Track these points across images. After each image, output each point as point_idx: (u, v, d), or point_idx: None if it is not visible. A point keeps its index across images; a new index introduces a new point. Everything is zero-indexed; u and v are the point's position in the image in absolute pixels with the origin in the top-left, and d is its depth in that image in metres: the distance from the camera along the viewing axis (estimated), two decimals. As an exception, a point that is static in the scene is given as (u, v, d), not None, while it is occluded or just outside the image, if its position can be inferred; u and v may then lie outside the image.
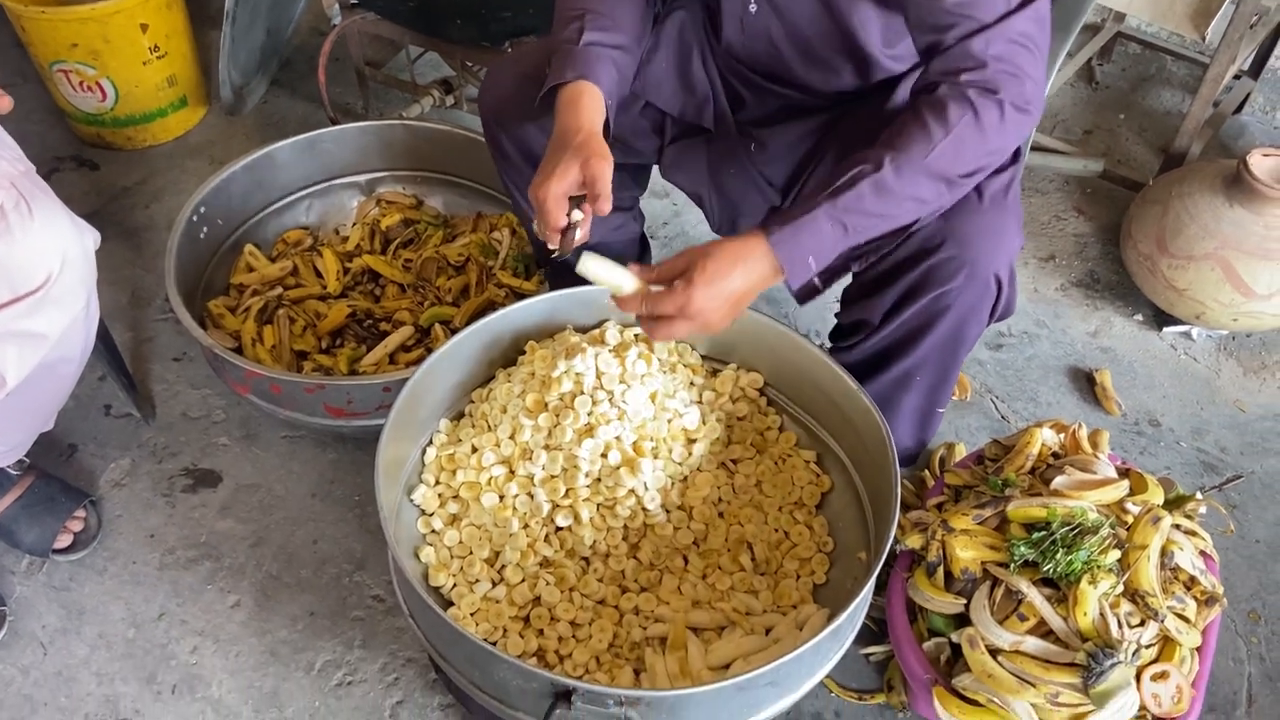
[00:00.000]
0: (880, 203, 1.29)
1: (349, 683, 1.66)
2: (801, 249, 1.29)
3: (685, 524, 1.55)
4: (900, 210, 1.32)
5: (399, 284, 2.06)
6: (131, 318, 2.17)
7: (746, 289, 1.29)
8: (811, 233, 1.29)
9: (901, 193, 1.29)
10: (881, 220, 1.32)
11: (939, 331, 1.48)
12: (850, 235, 1.31)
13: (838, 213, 1.28)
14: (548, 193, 1.32)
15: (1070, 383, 2.09)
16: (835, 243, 1.31)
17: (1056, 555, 1.44)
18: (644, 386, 1.53)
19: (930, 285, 1.42)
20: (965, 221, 1.39)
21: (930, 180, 1.30)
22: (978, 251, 1.39)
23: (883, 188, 1.28)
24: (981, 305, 1.46)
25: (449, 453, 1.57)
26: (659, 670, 1.42)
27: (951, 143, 1.28)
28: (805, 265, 1.30)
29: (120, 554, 1.81)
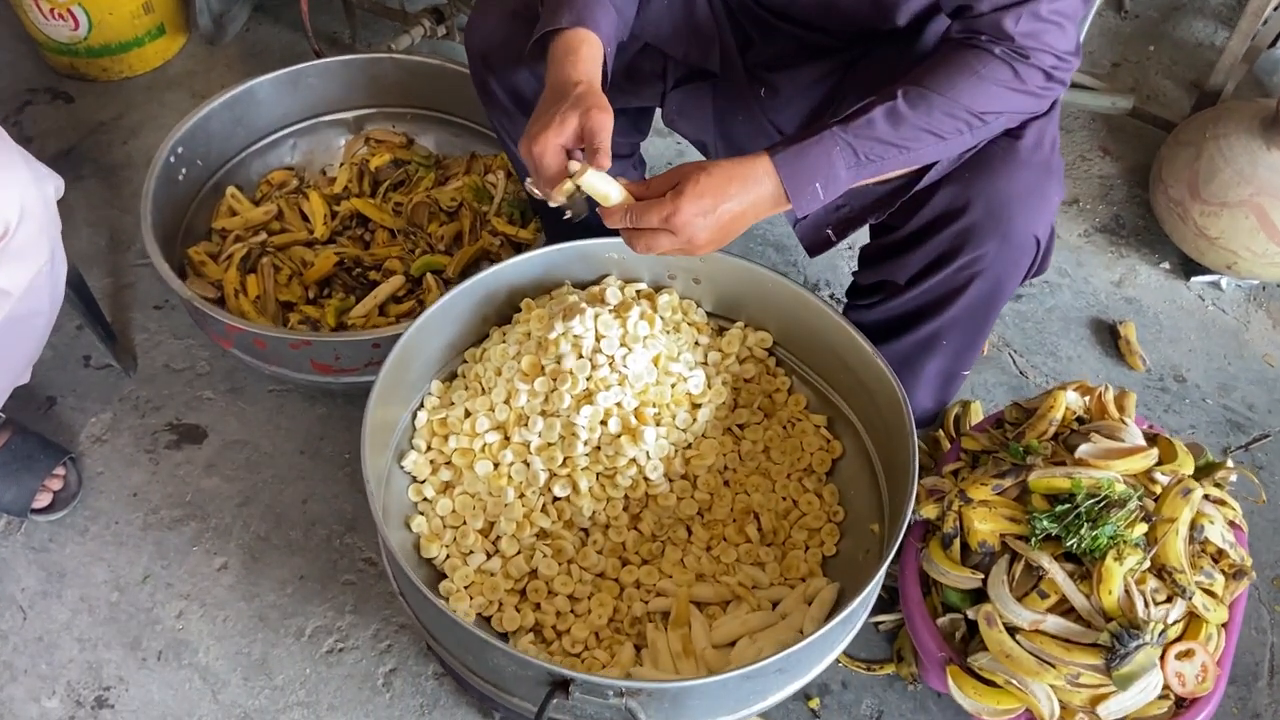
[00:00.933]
0: (894, 131, 1.20)
1: (340, 650, 1.61)
2: (808, 172, 1.20)
3: (689, 494, 1.47)
4: (917, 143, 1.22)
5: (389, 229, 1.95)
6: (110, 262, 2.07)
7: (741, 210, 1.20)
8: (819, 155, 1.20)
9: (917, 122, 1.21)
10: (896, 151, 1.22)
11: (969, 295, 1.39)
12: (862, 165, 1.22)
13: (848, 137, 1.20)
14: (545, 147, 1.22)
15: (1092, 335, 2.00)
16: (845, 171, 1.21)
17: (1081, 530, 1.37)
18: (646, 350, 1.44)
19: (962, 250, 1.33)
20: (999, 180, 1.29)
21: (949, 115, 1.21)
22: (1014, 213, 1.29)
23: (897, 116, 1.20)
24: (1018, 268, 1.37)
25: (440, 417, 1.49)
26: (660, 648, 1.36)
27: (975, 82, 1.20)
28: (811, 192, 1.21)
29: (102, 513, 1.74)
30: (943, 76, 1.21)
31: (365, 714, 1.55)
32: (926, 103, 1.20)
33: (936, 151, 1.25)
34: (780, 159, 1.20)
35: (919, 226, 1.35)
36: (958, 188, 1.30)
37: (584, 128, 1.20)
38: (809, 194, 1.21)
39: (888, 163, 1.23)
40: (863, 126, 1.20)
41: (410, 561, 1.43)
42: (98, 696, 1.56)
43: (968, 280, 1.37)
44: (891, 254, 1.42)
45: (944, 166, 1.30)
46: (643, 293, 1.58)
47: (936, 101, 1.20)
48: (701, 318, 1.59)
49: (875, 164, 1.23)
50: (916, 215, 1.35)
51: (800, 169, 1.20)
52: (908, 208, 1.34)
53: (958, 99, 1.20)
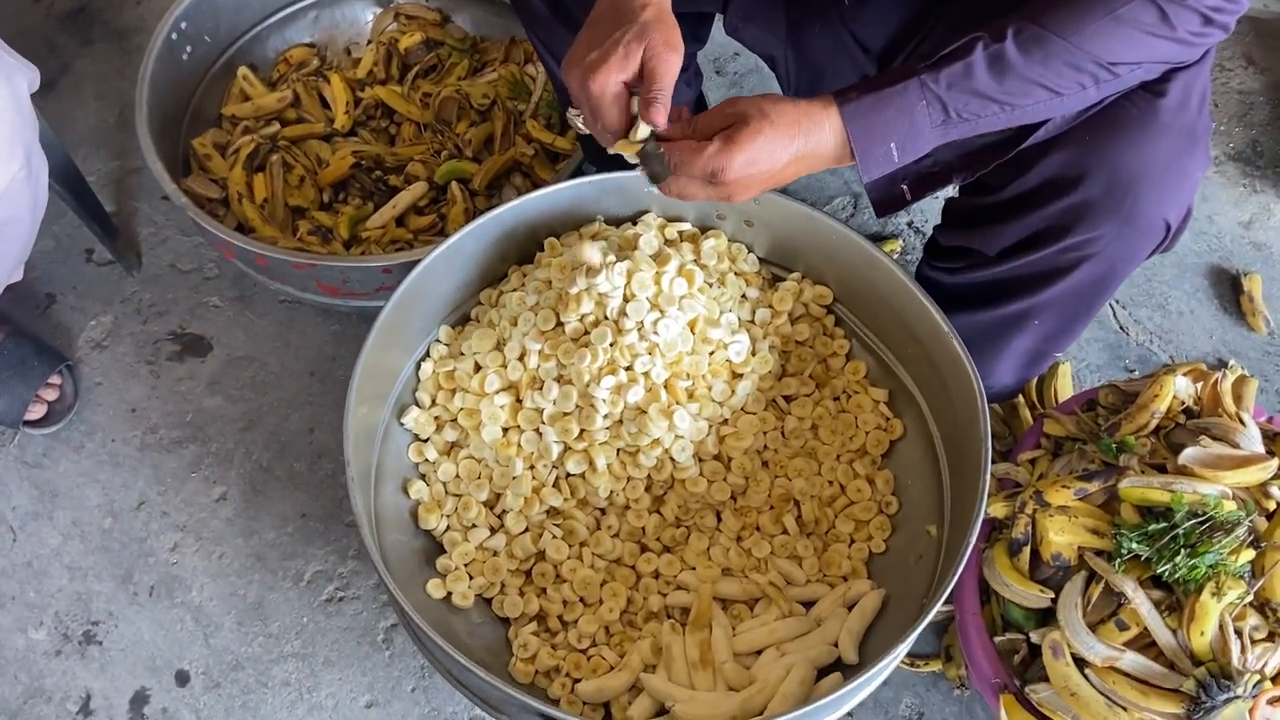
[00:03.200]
0: (997, 83, 0.97)
1: (340, 598, 1.50)
2: (883, 129, 0.98)
3: (721, 476, 1.29)
4: (1025, 98, 0.98)
5: (416, 123, 1.74)
6: (118, 142, 1.90)
7: (795, 164, 1.00)
8: (900, 109, 0.98)
9: (1028, 73, 0.96)
10: (998, 107, 0.99)
11: (1073, 279, 1.15)
12: (952, 122, 0.99)
13: (939, 88, 0.97)
14: (604, 86, 0.99)
15: (1211, 287, 1.74)
16: (930, 130, 0.99)
17: (1176, 557, 1.17)
18: (682, 313, 1.24)
19: (1071, 229, 1.09)
20: (1129, 147, 1.03)
21: (1071, 65, 0.96)
22: (1143, 191, 1.04)
23: (1004, 63, 0.96)
24: (1138, 254, 1.13)
25: (448, 369, 1.32)
26: (676, 654, 1.21)
27: (1110, 24, 0.95)
28: (884, 153, 1.00)
29: (98, 429, 1.63)
30: (1066, 13, 0.95)
31: (363, 671, 1.45)
32: (1044, 48, 0.95)
33: (1050, 109, 1.00)
34: (850, 110, 0.98)
35: (1020, 193, 1.11)
36: (1075, 152, 1.05)
37: (646, 69, 0.98)
38: (880, 156, 1.00)
39: (986, 120, 1.00)
40: (959, 74, 0.97)
41: (407, 533, 1.29)
42: (86, 631, 1.48)
43: (1074, 263, 1.13)
44: (982, 219, 1.18)
45: (1058, 123, 1.05)
46: (685, 235, 1.36)
47: (1057, 47, 0.95)
48: (752, 266, 1.38)
49: (969, 123, 1.00)
50: (1019, 179, 1.10)
51: (873, 125, 0.98)
52: (1008, 167, 1.10)
53: (1085, 45, 0.95)
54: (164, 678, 1.45)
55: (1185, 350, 1.67)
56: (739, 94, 1.92)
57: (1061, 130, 1.06)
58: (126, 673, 1.45)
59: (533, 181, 1.67)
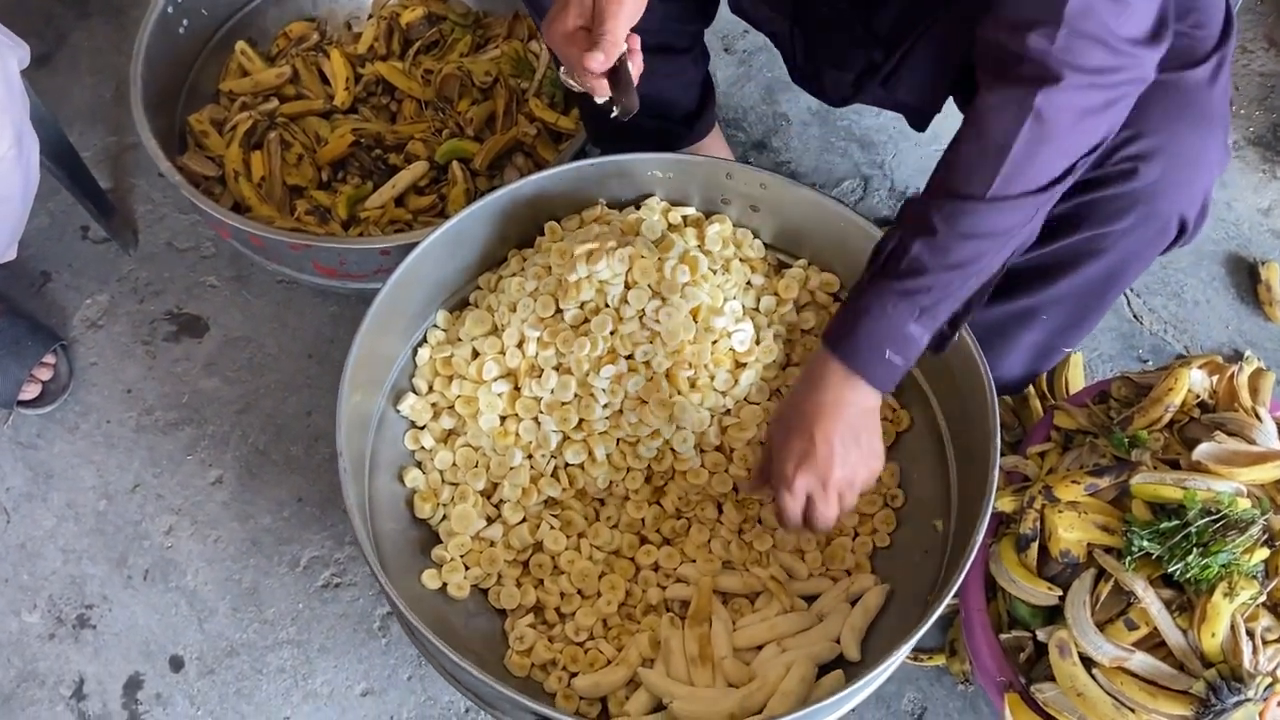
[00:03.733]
0: (946, 259, 0.98)
1: (336, 585, 1.48)
2: (872, 344, 1.03)
3: (723, 467, 1.26)
4: (982, 258, 0.99)
5: (417, 100, 1.71)
6: (114, 117, 1.86)
7: (844, 424, 1.06)
8: (875, 323, 1.01)
9: (969, 242, 0.97)
10: (960, 279, 1.00)
11: (1084, 273, 1.12)
12: (930, 310, 1.01)
13: (895, 288, 1.00)
14: (562, 30, 0.98)
15: (1228, 275, 1.70)
16: (915, 325, 1.01)
17: (1189, 556, 1.14)
18: (685, 301, 1.20)
19: (1087, 223, 1.06)
20: (1149, 137, 0.99)
21: (1006, 210, 0.96)
22: (1163, 185, 1.01)
23: (941, 246, 0.97)
24: (1152, 249, 1.10)
25: (445, 355, 1.29)
26: (675, 649, 1.19)
27: (1015, 164, 0.94)
28: (887, 365, 1.03)
29: (93, 410, 1.61)
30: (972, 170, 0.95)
31: (358, 659, 1.43)
32: (969, 214, 0.95)
33: (1013, 244, 0.99)
34: (834, 347, 1.05)
35: None
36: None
37: (596, 8, 0.95)
38: (886, 368, 1.04)
39: (959, 291, 1.00)
40: (907, 273, 0.99)
41: (402, 521, 1.26)
42: (79, 615, 1.46)
43: (1086, 256, 1.10)
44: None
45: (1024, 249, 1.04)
46: (689, 219, 1.33)
47: (983, 208, 0.95)
48: (757, 252, 1.34)
49: (947, 300, 1.01)
50: None
51: (861, 346, 1.02)
52: None
53: (1007, 189, 0.94)
54: (158, 663, 1.43)
55: (1200, 340, 1.64)
56: (748, 73, 1.89)
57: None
58: (120, 657, 1.44)
59: (535, 162, 1.63)
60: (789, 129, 1.83)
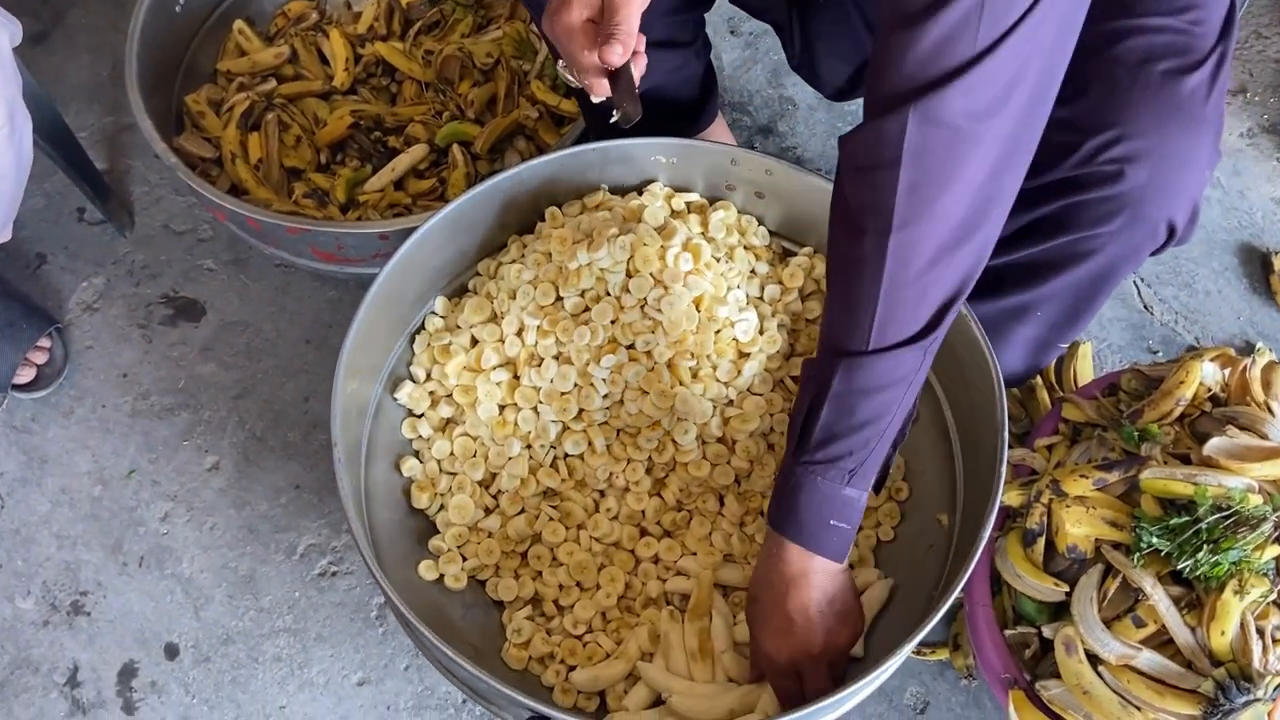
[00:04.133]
0: (854, 421, 0.95)
1: (333, 573, 1.46)
2: (817, 520, 1.00)
3: (725, 459, 1.24)
4: (889, 409, 0.96)
5: (417, 82, 1.68)
6: (111, 97, 1.84)
7: (818, 597, 1.04)
8: (811, 499, 1.00)
9: (869, 392, 0.94)
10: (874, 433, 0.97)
11: (1074, 274, 1.10)
12: (860, 475, 0.99)
13: (818, 462, 0.99)
14: (567, 25, 0.95)
15: (1241, 265, 1.67)
16: (849, 489, 1.00)
17: (1198, 553, 1.12)
18: (688, 290, 1.18)
19: (1075, 225, 1.04)
20: (1136, 139, 0.97)
21: (892, 358, 0.93)
22: (1151, 190, 0.98)
23: (848, 408, 0.95)
24: (1142, 250, 1.08)
25: (443, 343, 1.27)
26: (674, 643, 1.17)
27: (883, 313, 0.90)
28: (836, 532, 1.01)
29: (89, 394, 1.59)
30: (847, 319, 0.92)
31: (355, 648, 1.41)
32: (859, 369, 0.93)
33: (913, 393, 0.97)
34: (781, 529, 1.02)
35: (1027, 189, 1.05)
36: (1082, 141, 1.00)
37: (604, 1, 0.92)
38: (836, 536, 1.01)
39: (876, 445, 0.98)
40: (823, 444, 0.97)
41: (399, 511, 1.24)
42: (74, 601, 1.45)
43: (1075, 257, 1.09)
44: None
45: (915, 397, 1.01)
46: (693, 206, 1.30)
47: (865, 363, 0.93)
48: (762, 239, 1.32)
49: (870, 458, 0.98)
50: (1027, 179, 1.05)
51: (806, 525, 1.01)
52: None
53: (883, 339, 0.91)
54: (153, 650, 1.42)
55: (1212, 331, 1.61)
56: (754, 55, 1.87)
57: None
58: (115, 644, 1.42)
59: (537, 145, 1.61)
60: (795, 113, 1.80)
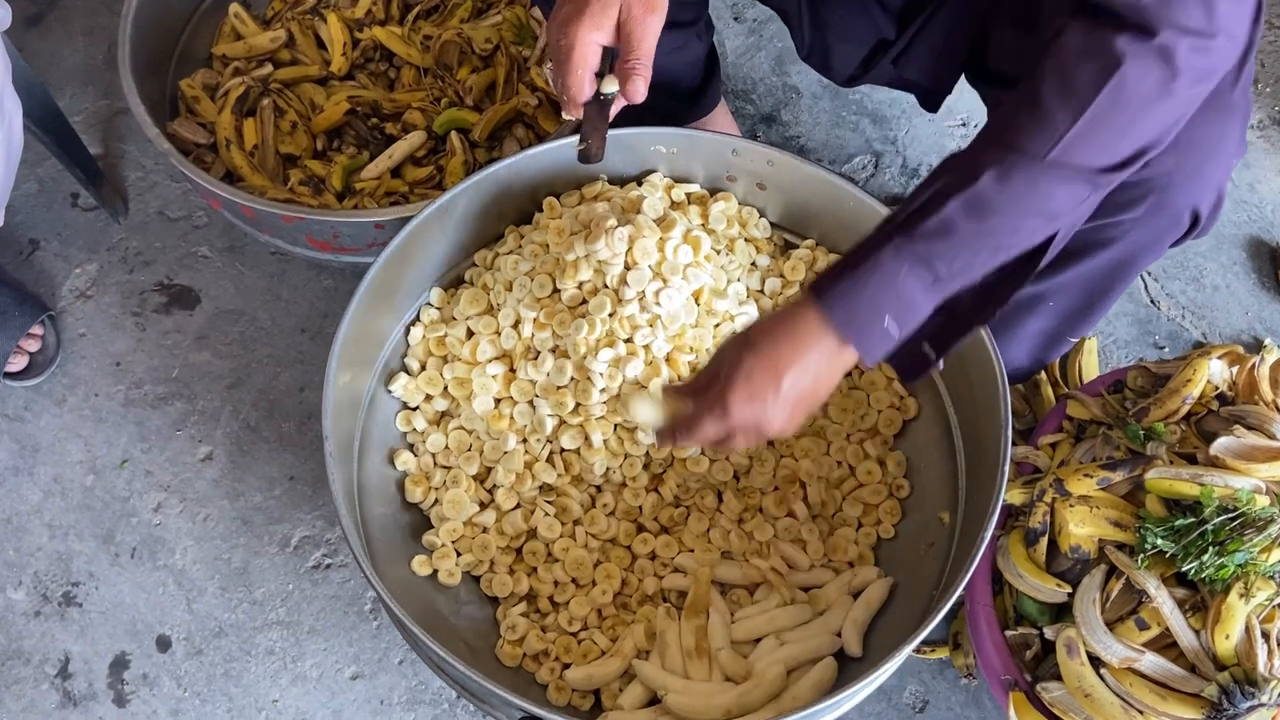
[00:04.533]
0: (981, 227, 0.86)
1: (327, 565, 1.45)
2: (870, 308, 0.89)
3: (723, 455, 1.23)
4: (1016, 234, 0.88)
5: (416, 67, 1.66)
6: (106, 81, 1.81)
7: (806, 380, 0.93)
8: (881, 283, 0.88)
9: (1014, 207, 0.86)
10: (989, 251, 0.89)
11: (1092, 263, 1.08)
12: (943, 281, 0.89)
13: (916, 249, 0.87)
14: (574, 42, 0.93)
15: (1249, 260, 1.65)
16: (923, 294, 0.89)
17: (1204, 555, 1.11)
18: (687, 283, 1.16)
19: (1096, 212, 1.00)
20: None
21: (1061, 181, 0.86)
22: (1173, 180, 0.96)
23: (982, 205, 0.86)
24: (1162, 242, 1.05)
25: (439, 335, 1.25)
26: (670, 641, 1.15)
27: (1088, 125, 0.83)
28: (881, 333, 0.90)
29: (81, 383, 1.57)
30: (1038, 124, 0.84)
31: (349, 641, 1.40)
32: (1028, 175, 0.84)
33: (1052, 228, 0.89)
34: (827, 300, 0.90)
35: None
36: None
37: (623, 31, 0.90)
38: (878, 336, 0.90)
39: (981, 264, 0.89)
40: (934, 231, 0.87)
41: (393, 505, 1.23)
42: (66, 592, 1.44)
43: (1094, 245, 1.06)
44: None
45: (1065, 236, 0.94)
46: (693, 197, 1.28)
47: (1042, 170, 0.84)
48: (763, 232, 1.30)
49: (964, 274, 0.89)
50: None
51: (858, 307, 0.89)
52: None
53: (1069, 157, 0.84)
54: (145, 642, 1.41)
55: (1219, 327, 1.59)
56: (758, 42, 1.84)
57: None
58: (107, 636, 1.41)
59: (536, 133, 1.58)
60: (799, 102, 1.77)
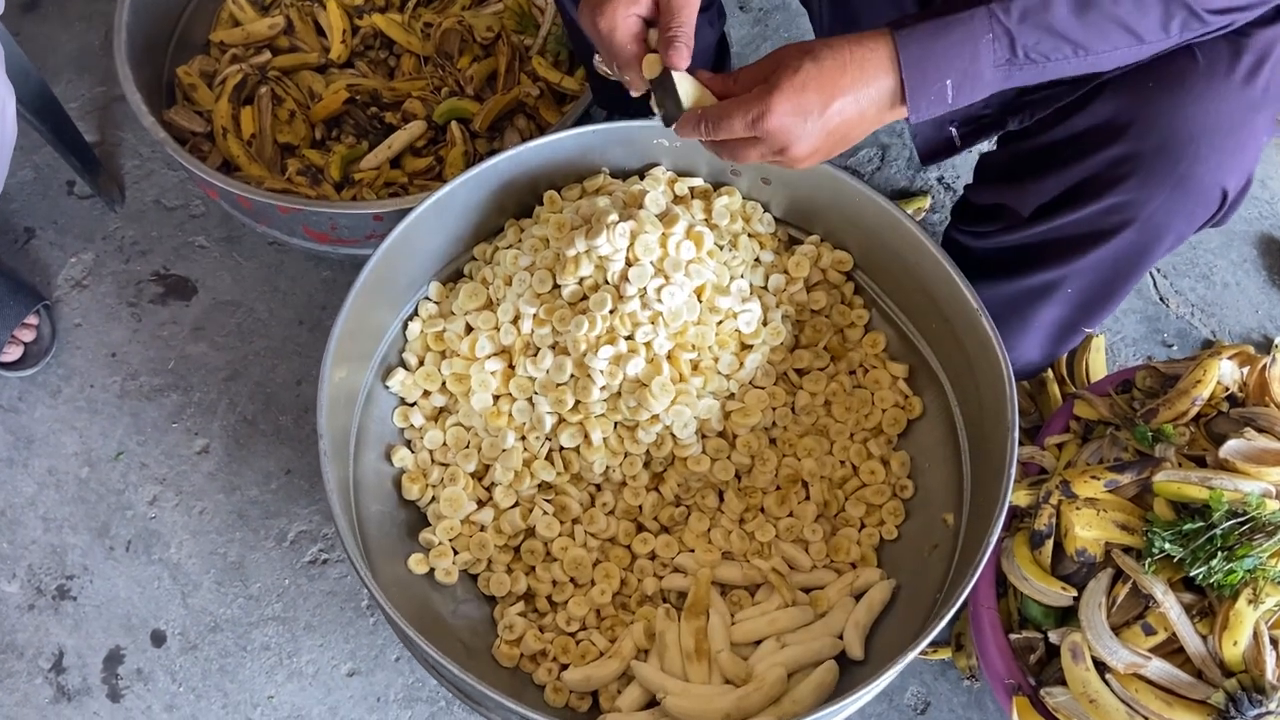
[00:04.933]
0: (1077, 19, 0.84)
1: (324, 561, 1.43)
2: (940, 62, 0.86)
3: (725, 454, 1.21)
4: (1103, 41, 0.86)
5: (416, 55, 1.63)
6: (103, 68, 1.79)
7: (857, 113, 0.88)
8: (962, 40, 0.85)
9: (1115, 9, 0.84)
10: (1070, 50, 0.86)
11: (1112, 246, 1.05)
12: (1018, 64, 0.87)
13: (1010, 20, 0.84)
14: (614, 22, 0.91)
15: (1260, 257, 1.62)
16: (993, 70, 0.87)
17: (1212, 560, 1.09)
18: (690, 279, 1.14)
19: (1114, 186, 0.98)
20: (1188, 101, 0.93)
21: (1166, 5, 0.84)
22: (1200, 153, 0.94)
23: (1084, 5, 0.83)
24: (1187, 223, 1.02)
25: (437, 330, 1.23)
26: (670, 643, 1.14)
27: None
28: (938, 91, 0.87)
29: (77, 374, 1.55)
30: None
31: (345, 638, 1.39)
32: None
33: (1127, 55, 0.88)
34: (907, 36, 0.86)
35: (1063, 138, 1.00)
36: (1129, 99, 0.94)
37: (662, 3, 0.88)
38: (933, 93, 0.87)
39: (1055, 65, 0.87)
40: (1035, 6, 0.84)
41: (389, 502, 1.21)
42: (60, 585, 1.42)
43: (1114, 226, 1.03)
44: (1020, 171, 1.07)
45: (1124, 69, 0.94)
46: (696, 191, 1.26)
47: None
48: (767, 227, 1.28)
49: (1037, 65, 0.87)
50: (1063, 122, 0.99)
51: (930, 55, 0.86)
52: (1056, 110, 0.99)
53: None
54: (139, 637, 1.39)
55: (1229, 325, 1.57)
56: (764, 32, 1.81)
57: (1116, 73, 0.95)
58: (101, 630, 1.40)
59: (537, 124, 1.56)
60: (804, 93, 1.75)
